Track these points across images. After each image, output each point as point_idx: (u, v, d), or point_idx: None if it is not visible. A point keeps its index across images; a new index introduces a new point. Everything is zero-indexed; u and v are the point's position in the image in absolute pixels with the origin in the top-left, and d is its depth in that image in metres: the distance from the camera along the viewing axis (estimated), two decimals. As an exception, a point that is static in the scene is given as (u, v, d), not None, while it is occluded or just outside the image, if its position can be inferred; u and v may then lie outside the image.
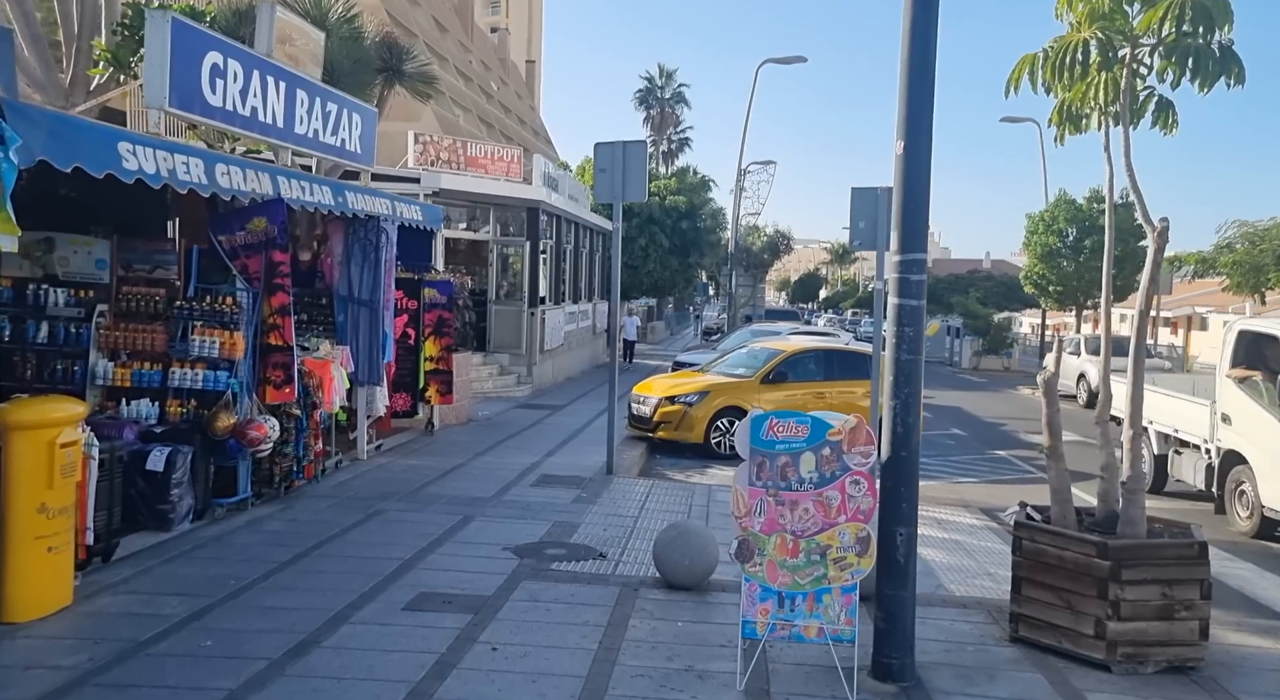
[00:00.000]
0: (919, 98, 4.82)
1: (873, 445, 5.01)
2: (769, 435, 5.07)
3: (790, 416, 5.11)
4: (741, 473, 5.17)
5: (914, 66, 4.79)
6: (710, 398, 13.52)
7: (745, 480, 5.13)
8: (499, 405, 17.53)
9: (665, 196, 35.10)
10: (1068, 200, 30.26)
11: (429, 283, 13.27)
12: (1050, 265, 29.70)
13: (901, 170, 4.94)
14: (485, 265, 20.79)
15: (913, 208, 4.94)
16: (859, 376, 14.50)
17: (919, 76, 4.81)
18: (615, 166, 10.91)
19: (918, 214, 4.96)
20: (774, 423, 5.06)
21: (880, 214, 10.31)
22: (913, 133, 4.84)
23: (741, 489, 5.16)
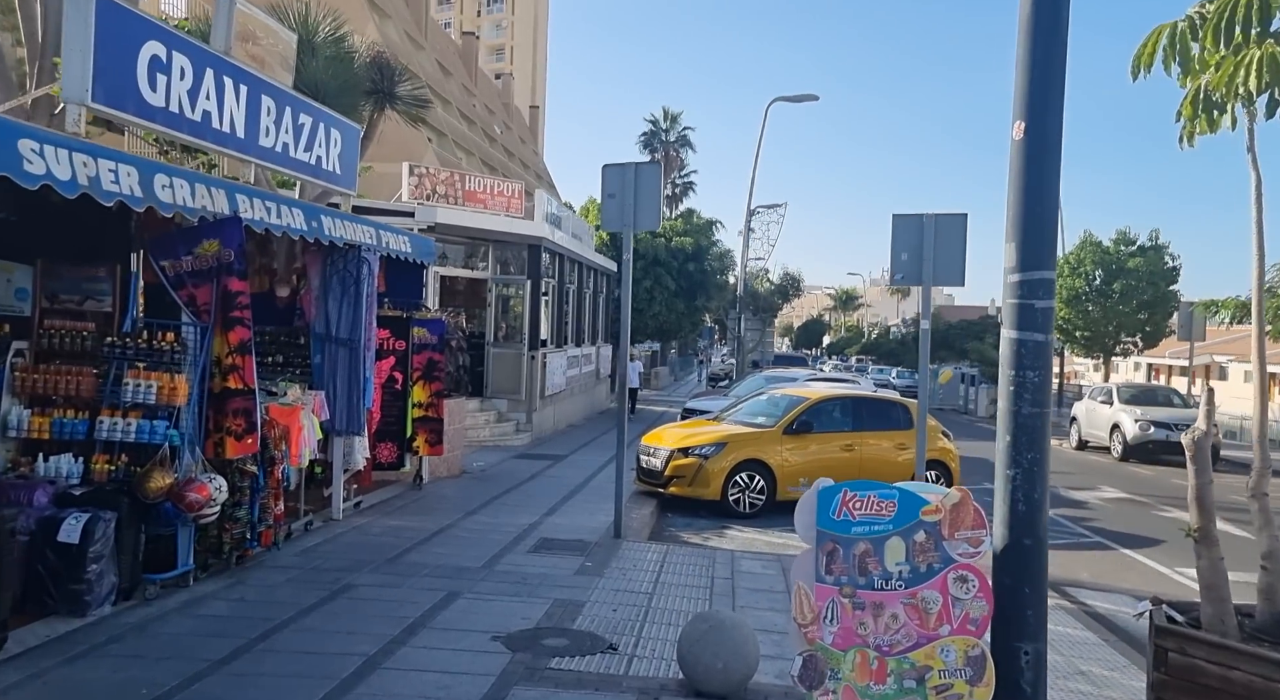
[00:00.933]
0: (1047, 58, 3.64)
1: (984, 529, 3.75)
2: (842, 513, 3.81)
3: (870, 488, 3.85)
4: (804, 564, 3.89)
5: (1039, 13, 3.61)
6: (728, 450, 12.23)
7: (810, 573, 3.86)
8: (496, 455, 16.22)
9: (671, 238, 34.11)
10: (1094, 243, 29.17)
11: (418, 322, 12.07)
12: (1076, 310, 28.52)
13: (1022, 160, 3.74)
14: (484, 305, 19.62)
15: (1038, 210, 3.72)
16: (891, 427, 13.23)
17: (1046, 28, 3.63)
18: (626, 191, 9.76)
19: (1044, 218, 3.74)
20: (849, 497, 3.80)
21: (925, 244, 9.12)
22: (1038, 107, 3.65)
23: (806, 586, 3.87)
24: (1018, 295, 3.78)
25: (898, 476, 12.92)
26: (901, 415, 13.41)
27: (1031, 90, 3.66)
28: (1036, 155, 3.68)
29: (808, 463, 12.53)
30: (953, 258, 9.08)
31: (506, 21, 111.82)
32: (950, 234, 9.08)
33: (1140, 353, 32.31)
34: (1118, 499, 15.74)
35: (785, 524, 11.80)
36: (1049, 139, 3.67)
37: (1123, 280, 26.99)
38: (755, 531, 11.35)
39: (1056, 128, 3.66)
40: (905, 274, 9.28)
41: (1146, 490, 16.91)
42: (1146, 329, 28.95)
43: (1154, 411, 21.43)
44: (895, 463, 13.02)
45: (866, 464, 12.83)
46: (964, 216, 9.07)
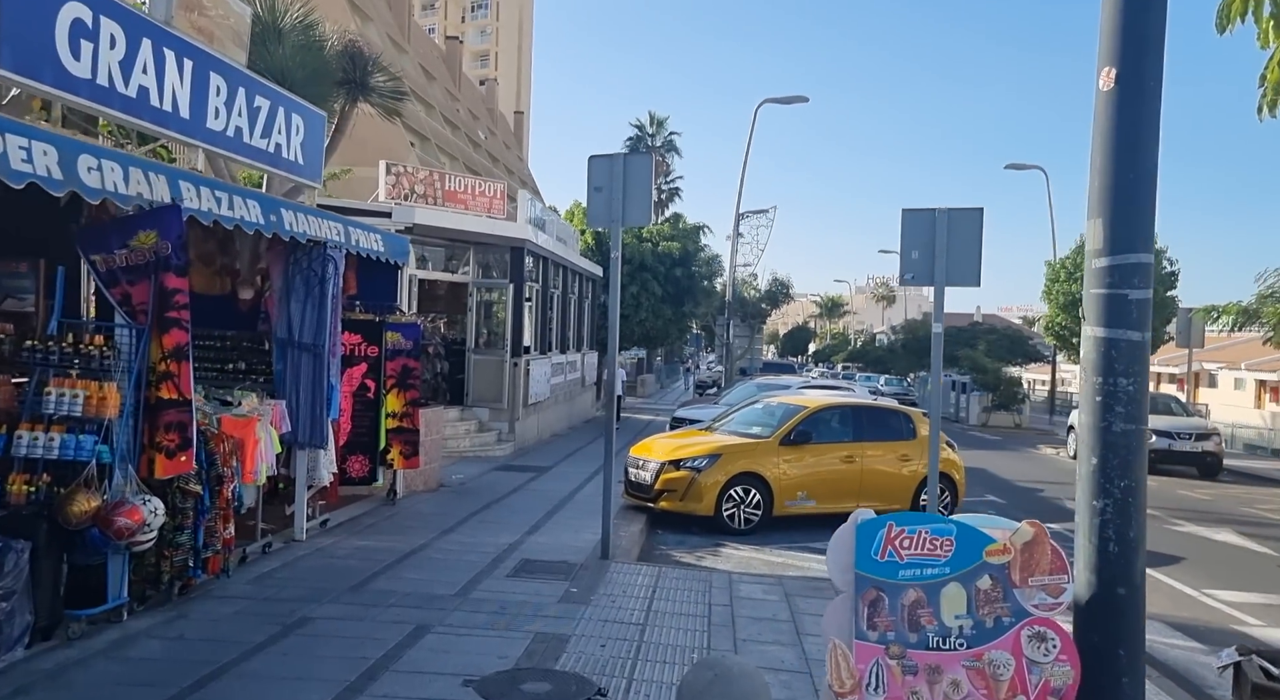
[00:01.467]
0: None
1: (1065, 573, 3.05)
2: (887, 553, 3.09)
3: (922, 522, 3.13)
4: (840, 615, 3.17)
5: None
6: (722, 462, 11.50)
7: (848, 628, 3.14)
8: (476, 467, 15.45)
9: (658, 242, 33.40)
10: None
11: (392, 326, 11.31)
12: (1073, 315, 27.94)
13: (1112, 115, 3.04)
14: (464, 310, 18.86)
15: (1132, 177, 3.03)
16: (893, 437, 12.55)
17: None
18: (614, 184, 9.04)
19: (1140, 187, 3.04)
20: (895, 533, 3.09)
21: (938, 242, 8.43)
22: (1133, 47, 2.97)
23: (843, 644, 3.15)
24: (1106, 283, 3.08)
25: (901, 490, 12.24)
26: (903, 424, 12.74)
27: (1126, 25, 2.97)
28: (1131, 108, 2.99)
29: (806, 475, 11.83)
30: (968, 256, 8.40)
31: (491, 27, 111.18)
32: (965, 230, 8.40)
33: None
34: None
35: (783, 541, 11.09)
36: (1147, 87, 2.98)
37: (1120, 285, 26.50)
38: (752, 550, 10.63)
39: (1156, 72, 2.97)
40: (916, 273, 8.59)
41: (1154, 502, 16.27)
42: None
43: (1155, 420, 20.79)
44: (899, 475, 12.34)
45: (868, 477, 12.14)
46: (979, 211, 8.40)
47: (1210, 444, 20.39)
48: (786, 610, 7.58)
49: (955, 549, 3.05)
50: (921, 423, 12.90)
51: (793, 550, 10.69)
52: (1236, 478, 20.71)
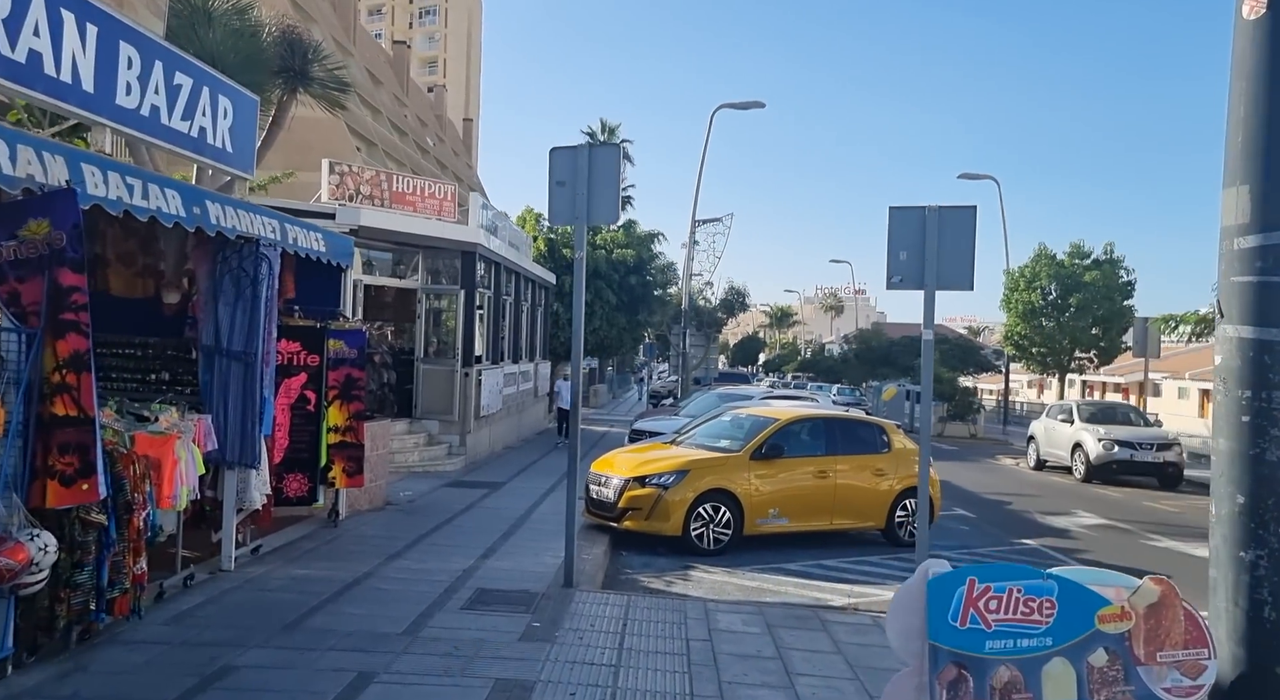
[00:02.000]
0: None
1: (1204, 647, 2.39)
2: (969, 618, 2.40)
3: (1011, 576, 2.45)
4: (905, 695, 2.46)
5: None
6: (690, 478, 10.80)
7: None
8: (426, 483, 14.57)
9: (612, 250, 32.72)
10: (1049, 256, 28.53)
11: (335, 333, 10.44)
12: (1032, 324, 27.82)
13: (1261, 54, 2.40)
14: (413, 318, 17.97)
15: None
16: (866, 450, 11.97)
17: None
18: (578, 178, 8.32)
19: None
20: (978, 590, 2.40)
21: (928, 242, 7.85)
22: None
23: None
24: (1256, 269, 2.41)
25: (877, 507, 11.66)
26: (877, 437, 12.16)
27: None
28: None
29: (778, 492, 11.19)
30: (960, 257, 7.83)
31: (439, 34, 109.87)
32: (957, 229, 7.83)
33: (1095, 369, 31.81)
34: (1099, 525, 14.70)
35: (755, 562, 10.43)
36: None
37: (1079, 294, 26.38)
38: (724, 573, 9.94)
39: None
40: (904, 276, 7.99)
41: (1123, 515, 15.94)
42: (1101, 344, 28.38)
43: (1117, 430, 20.64)
44: (874, 490, 11.75)
45: (842, 492, 11.53)
46: (972, 209, 7.83)
47: (1171, 454, 20.23)
48: (771, 645, 6.89)
49: (1058, 613, 2.38)
50: (895, 434, 12.35)
51: (767, 573, 10.02)
52: (1196, 488, 20.56)
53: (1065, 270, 27.53)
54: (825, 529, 11.57)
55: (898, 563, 10.91)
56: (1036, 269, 28.02)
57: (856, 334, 55.29)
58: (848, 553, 11.31)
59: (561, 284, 30.32)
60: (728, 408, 14.92)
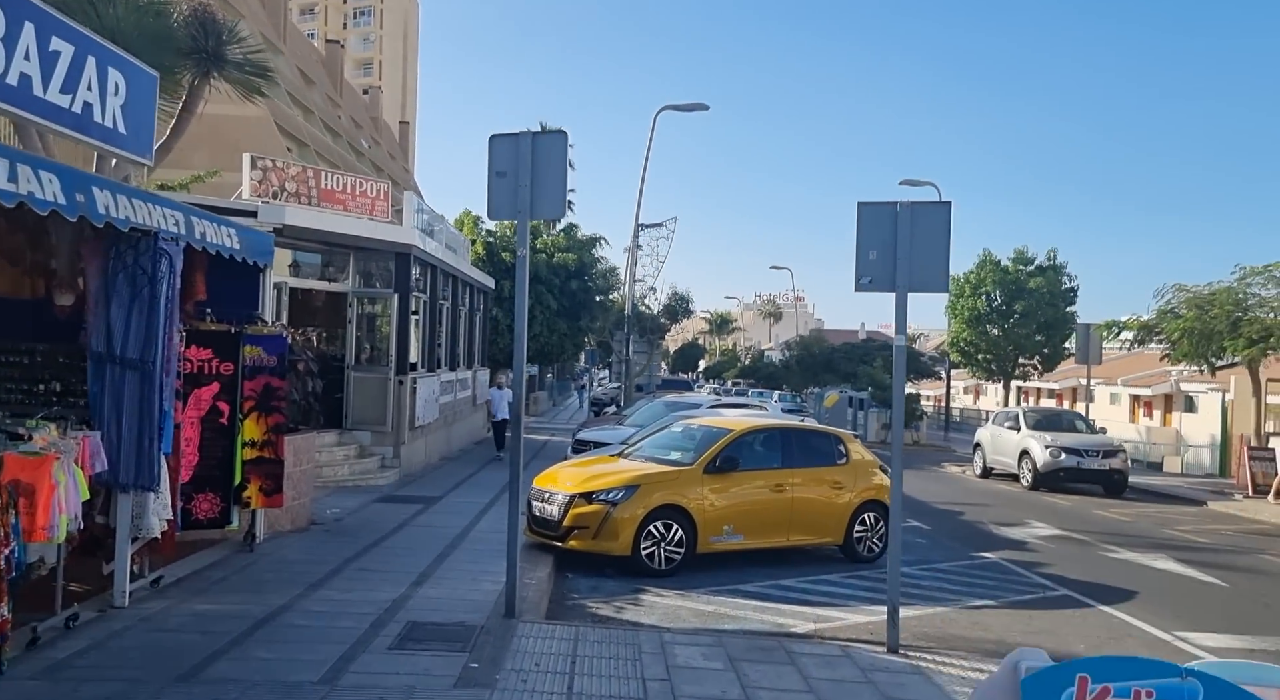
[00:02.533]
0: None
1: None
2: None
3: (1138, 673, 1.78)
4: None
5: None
6: (641, 494, 10.11)
7: None
8: (356, 498, 13.66)
9: (553, 254, 31.97)
10: (993, 262, 28.47)
11: (252, 339, 9.55)
12: (977, 331, 27.69)
13: None
14: (344, 324, 17.00)
15: None
16: (822, 462, 11.41)
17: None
18: (521, 168, 7.59)
19: None
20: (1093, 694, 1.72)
21: (900, 241, 7.28)
22: None
23: None
24: None
25: (835, 521, 11.11)
26: (833, 448, 11.61)
27: None
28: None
29: (733, 507, 10.56)
30: (933, 257, 7.28)
31: (374, 35, 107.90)
32: (930, 228, 7.28)
33: (1040, 376, 31.93)
34: (1055, 536, 14.36)
35: (709, 583, 9.77)
36: None
37: (1024, 301, 26.31)
38: (677, 596, 9.26)
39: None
40: (874, 277, 7.41)
41: (1077, 525, 15.66)
42: (1045, 351, 28.43)
43: (1063, 437, 20.49)
44: (832, 505, 11.19)
45: (800, 507, 10.95)
46: (947, 206, 7.29)
47: (1117, 461, 20.14)
48: (736, 684, 6.23)
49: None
50: (852, 445, 11.82)
51: (723, 595, 9.37)
52: (1141, 495, 20.51)
53: (1010, 276, 27.52)
54: (782, 546, 10.97)
55: (858, 581, 10.36)
56: (982, 275, 27.96)
57: (798, 341, 55.22)
58: (805, 570, 10.72)
59: (501, 289, 29.46)
60: (676, 417, 14.28)
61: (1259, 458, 19.78)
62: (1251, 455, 19.85)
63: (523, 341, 7.73)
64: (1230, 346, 19.33)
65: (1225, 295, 19.58)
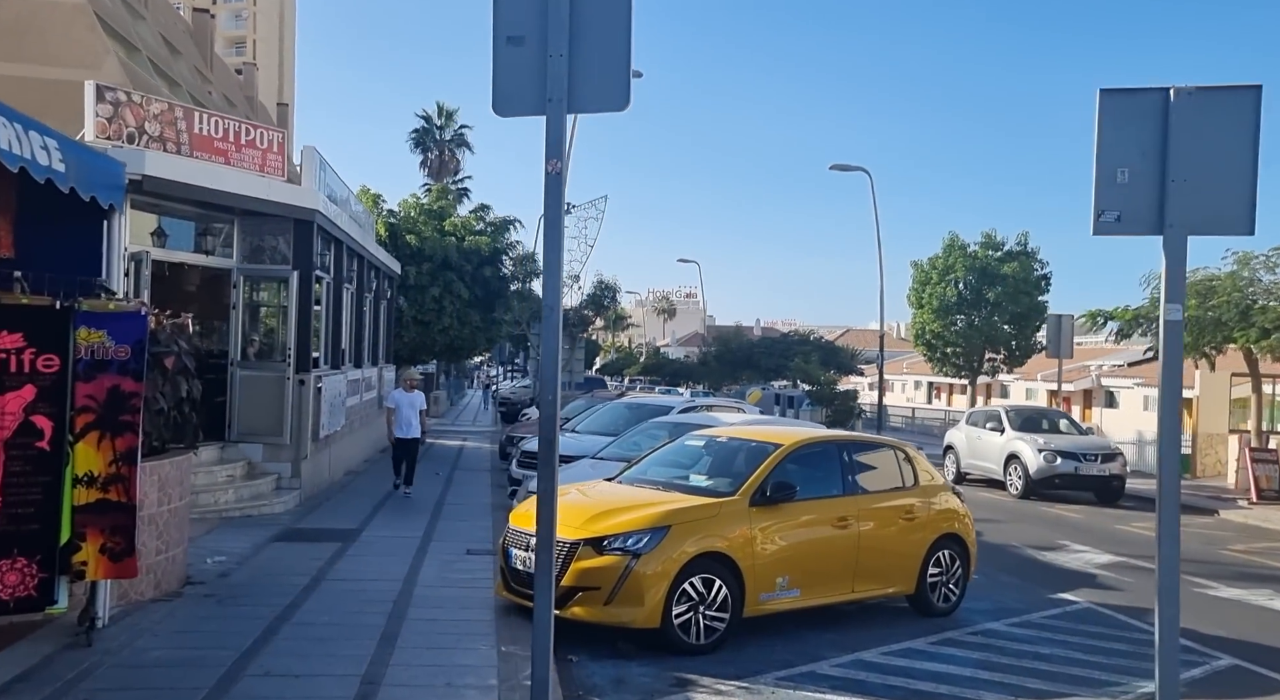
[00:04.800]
0: None
1: None
2: None
3: None
4: None
5: None
6: (674, 539, 7.16)
7: None
8: (246, 536, 10.32)
9: (464, 237, 28.52)
10: (960, 246, 26.36)
11: (91, 319, 6.24)
12: (946, 322, 25.55)
13: None
14: (226, 309, 13.46)
15: None
16: (890, 486, 8.72)
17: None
18: (553, 28, 4.56)
19: None
20: None
21: (1172, 151, 4.56)
22: None
23: None
24: None
25: (906, 566, 8.44)
26: (899, 466, 8.90)
27: None
28: None
29: (788, 551, 7.73)
30: (1232, 176, 4.57)
31: (247, 11, 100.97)
32: (1226, 129, 4.57)
33: (1009, 371, 30.20)
34: (1117, 564, 11.99)
35: (771, 663, 6.95)
36: None
37: (996, 288, 24.32)
38: (740, 690, 6.39)
39: None
40: (1123, 212, 4.67)
41: (1119, 547, 13.38)
42: (1015, 343, 26.59)
43: (1057, 440, 18.45)
44: (904, 542, 8.50)
45: (868, 546, 8.19)
46: (1255, 92, 4.57)
47: (1116, 466, 18.21)
48: None
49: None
50: (920, 461, 9.13)
51: (803, 687, 6.53)
52: (1141, 504, 18.62)
53: (979, 262, 25.50)
54: (843, 601, 8.21)
55: (959, 650, 7.66)
56: (950, 261, 25.86)
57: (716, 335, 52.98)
58: (876, 635, 7.99)
59: (406, 276, 25.91)
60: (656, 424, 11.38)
61: (1263, 461, 18.14)
62: (1254, 457, 18.19)
63: (556, 314, 4.71)
64: (1241, 337, 17.61)
65: (1229, 282, 17.88)
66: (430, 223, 28.52)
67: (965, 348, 26.00)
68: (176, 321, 8.91)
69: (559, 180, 4.61)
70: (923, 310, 26.78)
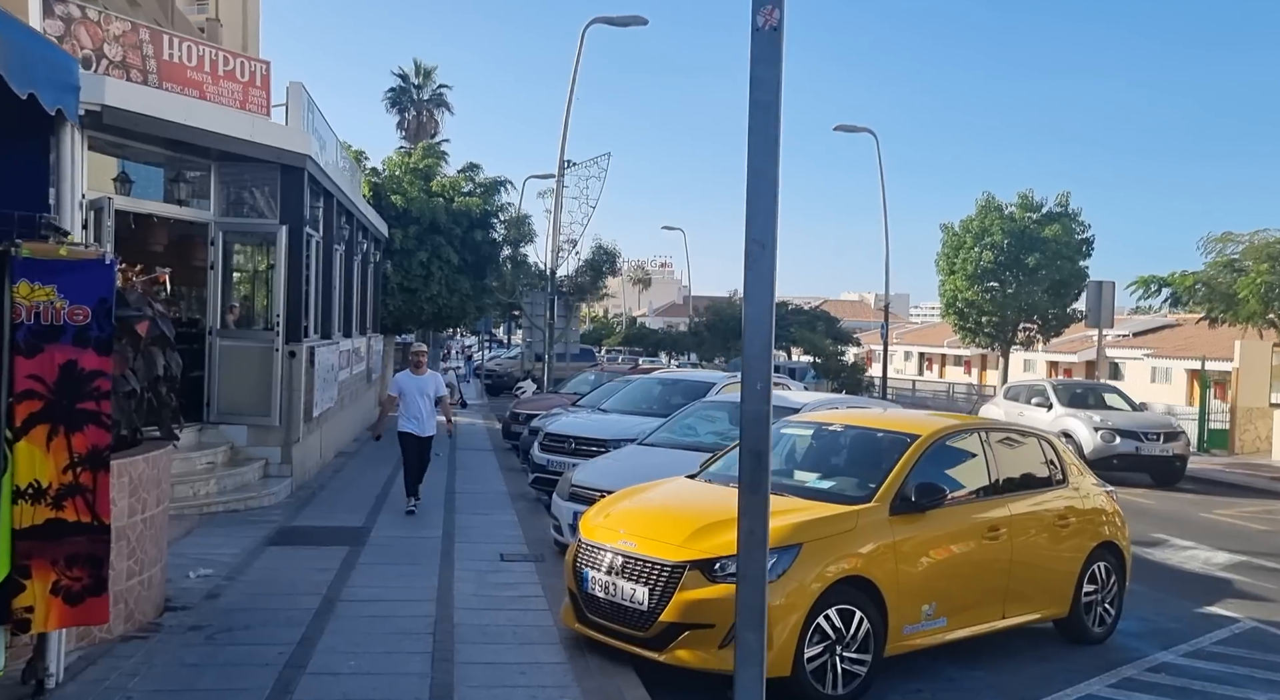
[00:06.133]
0: None
1: None
2: None
3: None
4: None
5: None
6: (807, 560, 5.54)
7: None
8: (234, 538, 8.61)
9: (453, 197, 26.47)
10: (996, 207, 24.62)
11: (33, 268, 4.46)
12: (982, 289, 23.89)
13: None
14: (202, 268, 11.61)
15: None
16: (1040, 485, 7.15)
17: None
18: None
19: None
20: None
21: None
22: None
23: None
24: None
25: (1060, 581, 6.90)
26: (1046, 460, 7.33)
27: None
28: None
29: (934, 570, 6.13)
30: None
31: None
32: None
33: (1045, 342, 28.69)
34: (1240, 564, 10.51)
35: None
36: None
37: (1036, 253, 22.66)
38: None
39: None
40: None
41: (1222, 540, 11.95)
42: (1053, 312, 24.97)
43: (1114, 417, 17.02)
44: (1057, 555, 6.95)
45: (1021, 559, 6.63)
46: None
47: (1179, 446, 16.82)
48: None
49: None
50: (1065, 453, 7.56)
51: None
52: (1203, 486, 17.28)
53: (1016, 224, 23.82)
54: (992, 630, 6.63)
55: (1149, 695, 6.12)
56: (986, 222, 24.14)
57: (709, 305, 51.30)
58: (1032, 671, 6.48)
59: (392, 239, 23.96)
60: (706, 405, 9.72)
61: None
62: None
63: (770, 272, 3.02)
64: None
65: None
66: (417, 182, 26.49)
67: (1001, 318, 24.39)
68: (149, 278, 7.14)
69: (776, 39, 2.89)
70: (954, 276, 25.09)
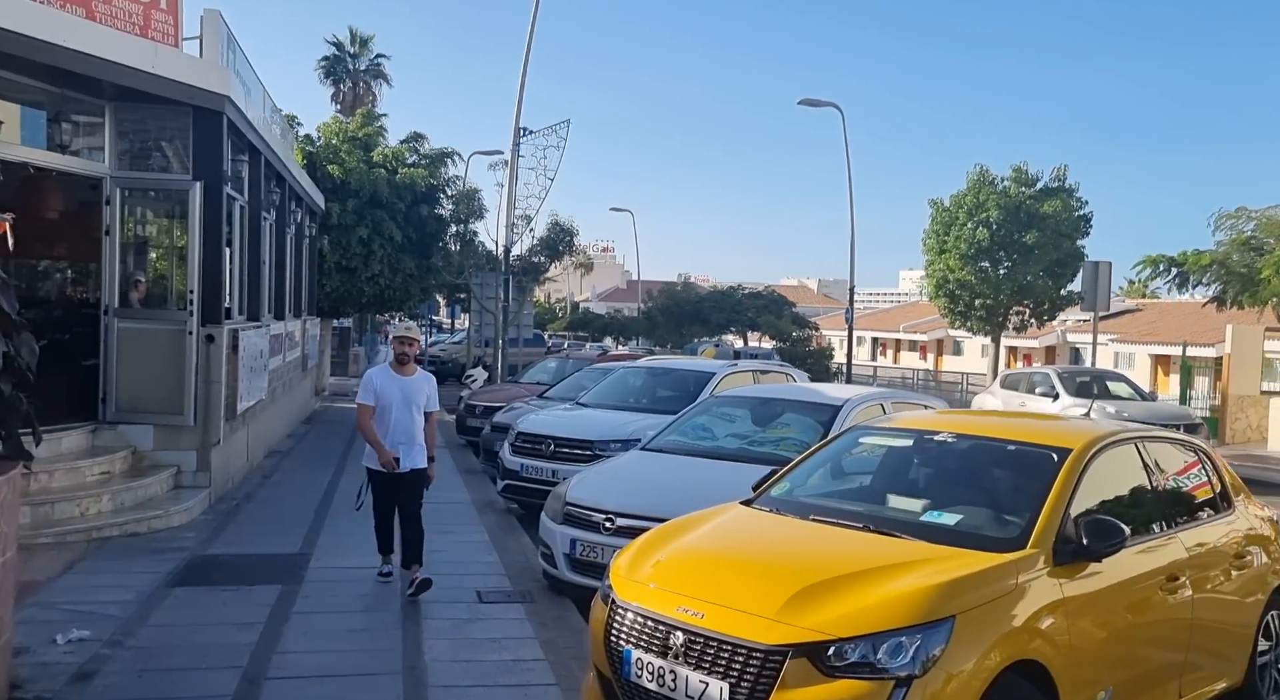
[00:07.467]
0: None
1: None
2: None
3: None
4: None
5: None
6: (962, 640, 3.77)
7: None
8: (128, 577, 6.57)
9: (396, 169, 24.27)
10: (989, 181, 23.12)
11: None
12: (975, 270, 22.41)
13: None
14: (95, 234, 9.44)
15: None
16: (1206, 514, 5.46)
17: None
18: None
19: None
20: None
21: None
22: None
23: None
24: None
25: (1236, 639, 5.18)
26: (1209, 473, 5.66)
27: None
28: None
29: (1108, 639, 4.40)
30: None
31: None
32: None
33: (1039, 326, 27.38)
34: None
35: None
36: None
37: (1035, 231, 21.18)
38: None
39: None
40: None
41: None
42: (1053, 294, 23.55)
43: (1127, 407, 15.72)
44: (1238, 607, 5.26)
45: (1202, 614, 4.95)
46: None
47: (1200, 438, 15.50)
48: None
49: None
50: (1228, 472, 5.88)
51: None
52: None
53: (1011, 199, 22.30)
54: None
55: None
56: (981, 197, 22.59)
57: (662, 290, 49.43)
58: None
59: (329, 213, 21.71)
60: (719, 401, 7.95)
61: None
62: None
63: None
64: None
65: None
66: (356, 152, 24.20)
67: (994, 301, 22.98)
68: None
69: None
70: (945, 256, 23.52)
